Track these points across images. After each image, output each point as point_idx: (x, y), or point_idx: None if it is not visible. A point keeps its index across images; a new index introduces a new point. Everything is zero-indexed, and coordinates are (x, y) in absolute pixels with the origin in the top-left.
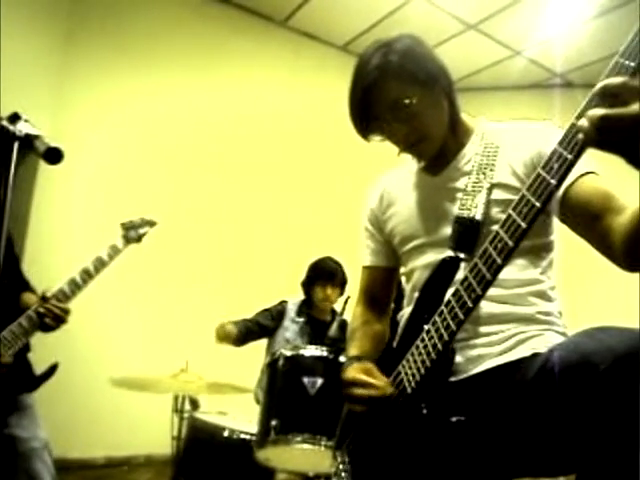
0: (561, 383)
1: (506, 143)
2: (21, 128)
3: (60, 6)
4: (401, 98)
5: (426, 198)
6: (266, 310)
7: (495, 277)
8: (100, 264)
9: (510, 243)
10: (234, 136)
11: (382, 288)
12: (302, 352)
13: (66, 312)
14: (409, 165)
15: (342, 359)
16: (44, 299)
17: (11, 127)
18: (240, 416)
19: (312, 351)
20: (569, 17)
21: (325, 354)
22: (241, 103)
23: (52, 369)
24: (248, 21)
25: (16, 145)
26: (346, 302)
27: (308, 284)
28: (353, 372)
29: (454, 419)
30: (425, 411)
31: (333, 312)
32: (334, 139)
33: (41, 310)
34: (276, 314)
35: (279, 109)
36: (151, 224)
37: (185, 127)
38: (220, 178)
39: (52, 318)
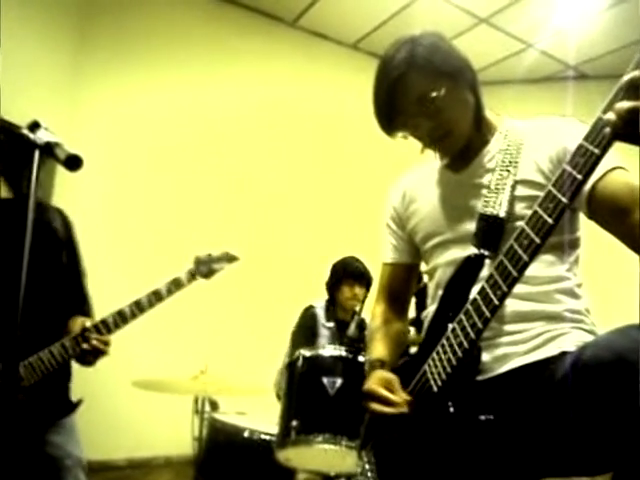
0: (595, 382)
1: (530, 140)
2: (41, 136)
3: (71, 7)
4: (427, 92)
5: (449, 195)
6: (299, 328)
7: (521, 274)
8: (156, 298)
9: (536, 240)
10: (249, 136)
11: (403, 285)
12: (321, 352)
13: (106, 344)
14: (431, 163)
15: (361, 359)
16: (84, 330)
17: (32, 135)
18: (259, 416)
19: (331, 351)
20: (582, 8)
21: (344, 354)
22: (255, 103)
23: (78, 402)
24: (258, 22)
25: (37, 153)
26: (364, 301)
27: (334, 284)
28: (374, 384)
29: (482, 417)
30: (452, 409)
31: (353, 312)
32: (349, 137)
33: (81, 345)
34: (309, 322)
35: (292, 108)
36: (230, 260)
37: (199, 127)
38: (236, 179)
39: (90, 352)
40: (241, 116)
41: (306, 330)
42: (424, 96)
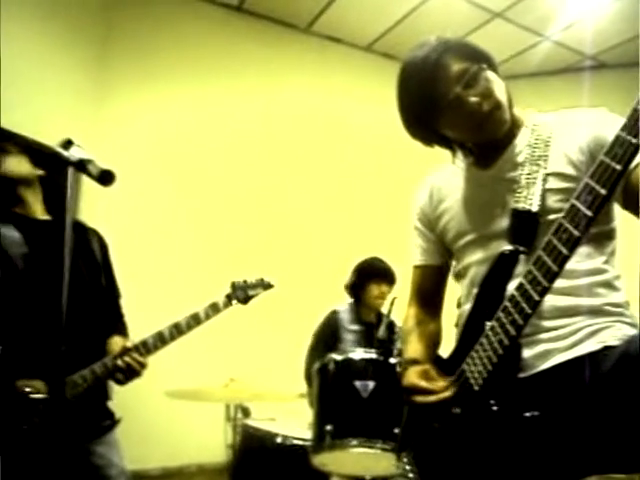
0: None
1: (559, 132)
2: (74, 153)
3: (95, 20)
4: (467, 69)
5: (478, 192)
6: (320, 334)
7: (561, 268)
8: (195, 322)
9: (576, 233)
10: (268, 141)
11: (434, 287)
12: (352, 356)
13: (143, 366)
14: (456, 163)
15: (392, 361)
16: (127, 350)
17: (65, 153)
18: (288, 422)
19: (362, 354)
20: None
21: (375, 356)
22: (274, 111)
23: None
24: (273, 30)
25: (71, 170)
26: (392, 303)
27: (359, 284)
28: (412, 377)
29: (528, 415)
30: (495, 408)
31: (379, 314)
32: (368, 140)
33: (119, 362)
34: (332, 327)
35: (311, 114)
36: (266, 287)
37: (221, 139)
38: (256, 184)
39: (127, 372)
40: (260, 125)
41: (327, 336)
42: (467, 70)
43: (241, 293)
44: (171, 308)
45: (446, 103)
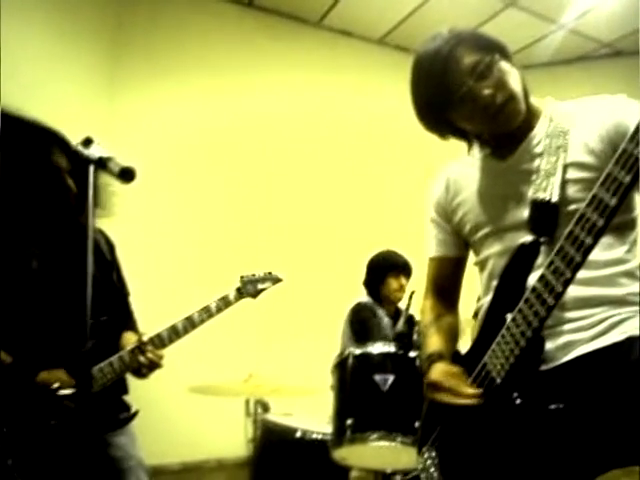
0: None
1: (578, 121)
2: (94, 151)
3: (106, 17)
4: (482, 59)
5: (496, 183)
6: (361, 322)
7: (585, 259)
8: (207, 315)
9: (600, 222)
10: (280, 136)
11: (451, 279)
12: (370, 350)
13: (160, 358)
14: (472, 155)
15: (412, 354)
16: (142, 344)
17: (85, 151)
18: (306, 416)
19: (380, 348)
20: None
21: (394, 350)
22: (287, 106)
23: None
24: (284, 25)
25: (91, 168)
26: (411, 297)
27: (377, 278)
28: (439, 375)
29: (552, 407)
30: (519, 401)
31: (397, 308)
32: (380, 134)
33: (140, 358)
34: (370, 315)
35: (324, 108)
36: (275, 281)
37: (230, 129)
38: (267, 179)
39: (145, 365)
40: (272, 120)
41: (368, 322)
42: (480, 62)
43: (251, 287)
44: (182, 302)
45: (459, 96)
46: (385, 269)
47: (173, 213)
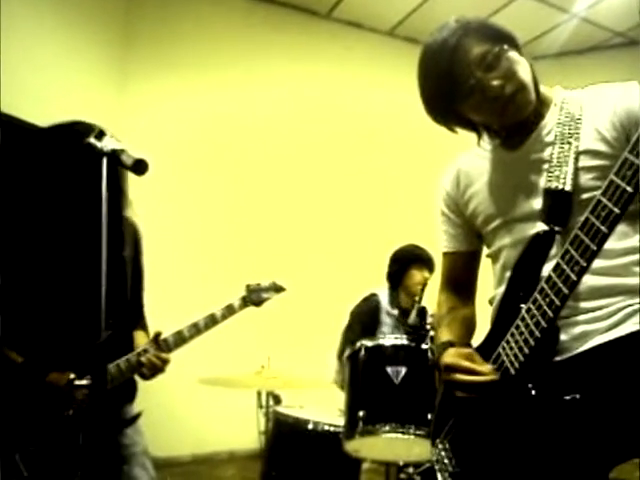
0: None
1: (589, 109)
2: (107, 144)
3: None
4: (490, 49)
5: (508, 173)
6: (359, 315)
7: (601, 247)
8: (211, 322)
9: (616, 210)
10: (290, 129)
11: (465, 273)
12: (382, 342)
13: (165, 362)
14: (482, 146)
15: (424, 346)
16: (149, 347)
17: (98, 144)
18: (317, 408)
19: (392, 340)
20: None
21: (406, 342)
22: (297, 98)
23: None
24: (294, 18)
25: (105, 161)
26: (423, 288)
27: (401, 268)
28: (453, 357)
29: (568, 397)
30: (534, 392)
31: (414, 301)
32: (390, 126)
33: (142, 359)
34: (372, 310)
35: (334, 100)
36: (278, 290)
37: (240, 122)
38: (277, 172)
39: (150, 368)
40: (282, 112)
41: (366, 316)
42: (488, 52)
43: (255, 296)
44: (182, 302)
45: (467, 88)
46: (410, 260)
47: (181, 207)
